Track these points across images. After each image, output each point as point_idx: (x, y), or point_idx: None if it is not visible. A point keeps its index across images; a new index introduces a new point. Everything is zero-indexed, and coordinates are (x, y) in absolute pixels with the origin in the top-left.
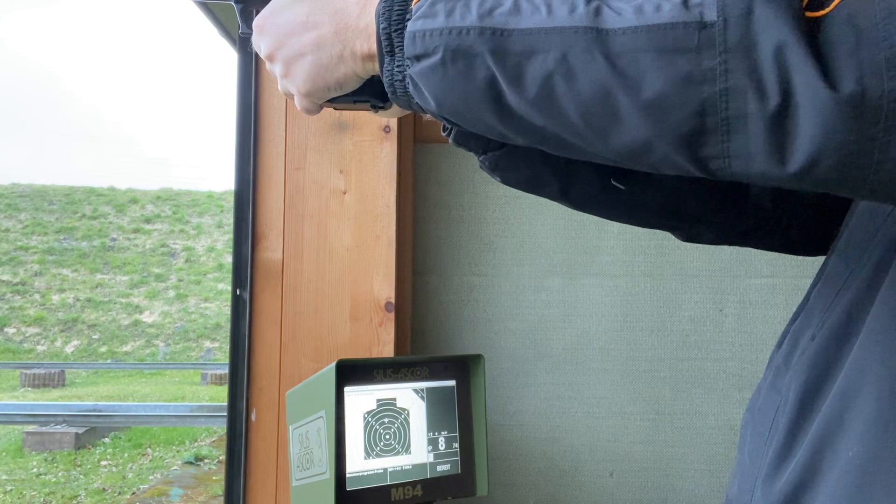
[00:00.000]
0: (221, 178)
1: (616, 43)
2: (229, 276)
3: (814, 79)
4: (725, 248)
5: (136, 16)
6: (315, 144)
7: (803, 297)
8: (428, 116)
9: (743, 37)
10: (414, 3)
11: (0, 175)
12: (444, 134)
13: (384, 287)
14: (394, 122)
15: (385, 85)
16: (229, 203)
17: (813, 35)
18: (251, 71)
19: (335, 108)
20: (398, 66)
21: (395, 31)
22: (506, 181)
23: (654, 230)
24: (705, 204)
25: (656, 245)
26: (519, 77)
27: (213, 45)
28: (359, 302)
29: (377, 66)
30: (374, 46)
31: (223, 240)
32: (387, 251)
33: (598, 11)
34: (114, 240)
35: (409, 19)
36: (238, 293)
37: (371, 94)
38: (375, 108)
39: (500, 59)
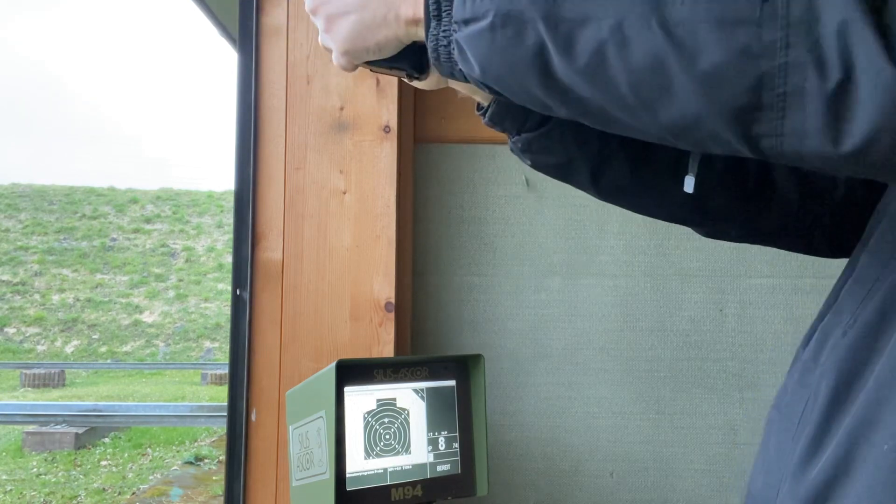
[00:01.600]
0: (221, 178)
1: (674, 12)
2: (229, 276)
3: (877, 57)
4: (725, 248)
5: (137, 17)
6: (315, 144)
7: (829, 296)
8: (462, 94)
9: (806, 11)
10: None
11: (0, 175)
12: (478, 113)
13: (384, 287)
14: (394, 123)
15: (429, 50)
16: (229, 203)
17: (878, 12)
18: (251, 71)
19: (371, 70)
20: (444, 31)
21: None
22: (535, 165)
23: (655, 231)
24: (732, 200)
25: (656, 245)
26: (570, 45)
27: (213, 45)
28: (359, 302)
29: (420, 31)
30: (421, 11)
31: (223, 240)
32: (387, 251)
33: None
34: (114, 240)
35: None
36: (238, 293)
37: (409, 61)
38: (410, 76)
39: (551, 25)
